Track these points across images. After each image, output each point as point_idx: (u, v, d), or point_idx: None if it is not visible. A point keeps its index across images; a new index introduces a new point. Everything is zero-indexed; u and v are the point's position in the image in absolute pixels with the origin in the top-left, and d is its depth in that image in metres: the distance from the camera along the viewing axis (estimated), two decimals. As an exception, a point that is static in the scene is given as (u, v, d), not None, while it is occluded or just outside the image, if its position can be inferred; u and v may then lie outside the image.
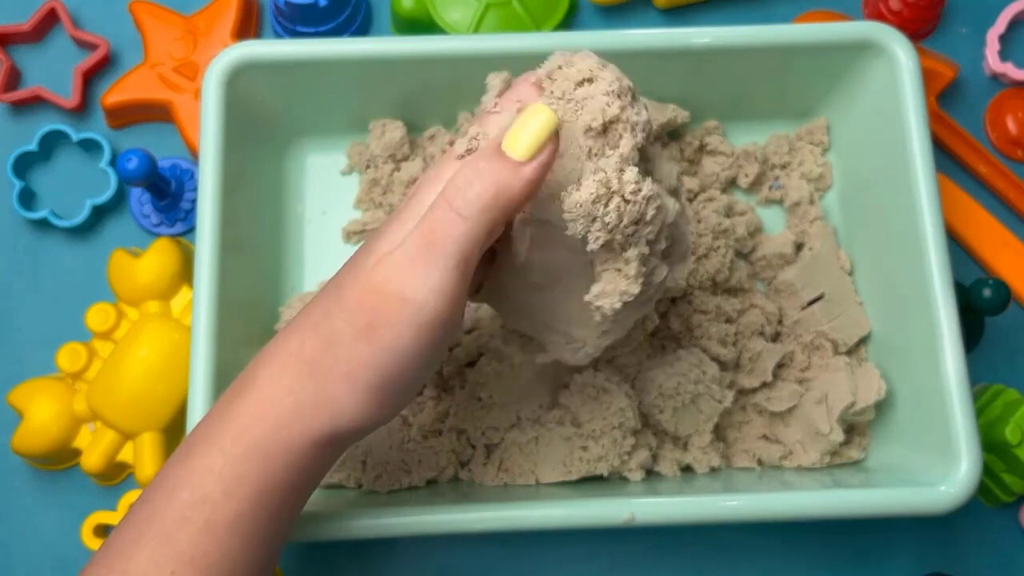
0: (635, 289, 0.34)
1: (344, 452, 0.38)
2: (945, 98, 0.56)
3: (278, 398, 0.33)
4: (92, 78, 0.56)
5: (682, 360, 0.46)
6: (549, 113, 0.31)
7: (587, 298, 0.34)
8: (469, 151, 0.34)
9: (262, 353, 0.35)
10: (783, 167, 0.53)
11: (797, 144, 0.53)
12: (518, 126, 0.31)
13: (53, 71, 0.56)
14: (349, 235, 0.52)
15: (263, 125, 0.50)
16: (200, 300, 0.43)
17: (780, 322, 0.49)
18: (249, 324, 0.47)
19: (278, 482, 0.33)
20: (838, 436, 0.46)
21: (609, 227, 0.32)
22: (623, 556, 0.50)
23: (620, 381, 0.45)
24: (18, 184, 0.53)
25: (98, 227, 0.54)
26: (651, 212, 0.33)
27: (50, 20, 0.57)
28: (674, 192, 0.37)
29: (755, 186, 0.53)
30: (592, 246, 0.32)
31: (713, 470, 0.46)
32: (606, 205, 0.32)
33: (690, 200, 0.51)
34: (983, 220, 0.54)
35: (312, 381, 0.33)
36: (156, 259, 0.50)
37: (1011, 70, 0.56)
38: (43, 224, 0.54)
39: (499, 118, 0.34)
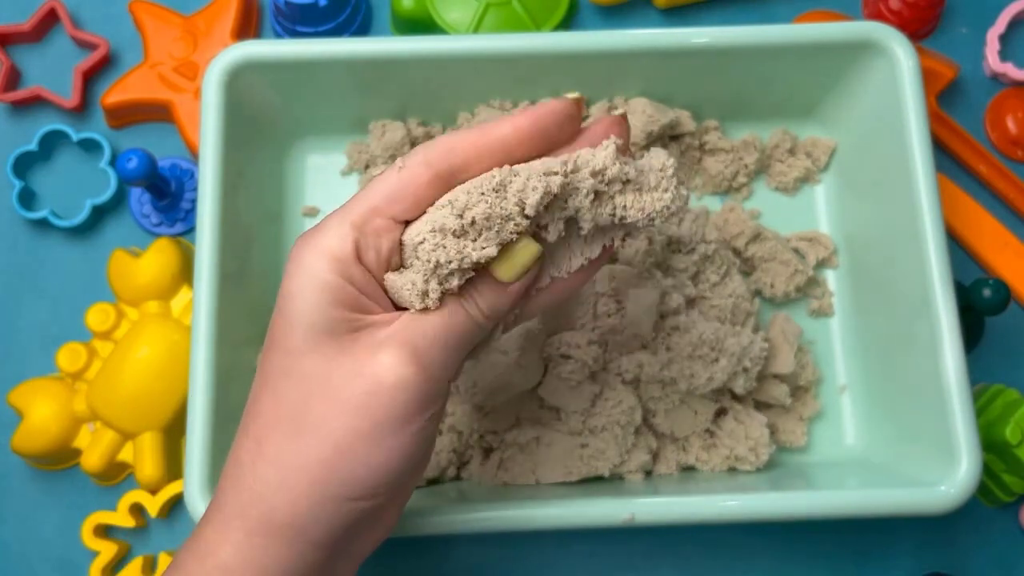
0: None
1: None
2: (945, 98, 0.56)
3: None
4: (92, 78, 0.56)
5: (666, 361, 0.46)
6: (535, 246, 0.32)
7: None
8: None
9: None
10: (782, 162, 0.53)
11: (796, 144, 0.53)
12: (509, 256, 0.32)
13: (53, 71, 0.56)
14: (349, 235, 0.52)
15: (263, 125, 0.50)
16: (200, 300, 0.43)
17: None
18: (249, 324, 0.46)
19: None
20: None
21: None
22: (623, 556, 0.50)
23: (624, 380, 0.45)
24: (18, 184, 0.53)
25: (98, 227, 0.54)
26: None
27: (50, 20, 0.56)
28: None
29: (760, 172, 0.53)
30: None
31: (712, 470, 0.46)
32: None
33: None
34: (983, 220, 0.54)
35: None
36: (156, 259, 0.50)
37: (1011, 70, 0.56)
38: (43, 224, 0.54)
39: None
